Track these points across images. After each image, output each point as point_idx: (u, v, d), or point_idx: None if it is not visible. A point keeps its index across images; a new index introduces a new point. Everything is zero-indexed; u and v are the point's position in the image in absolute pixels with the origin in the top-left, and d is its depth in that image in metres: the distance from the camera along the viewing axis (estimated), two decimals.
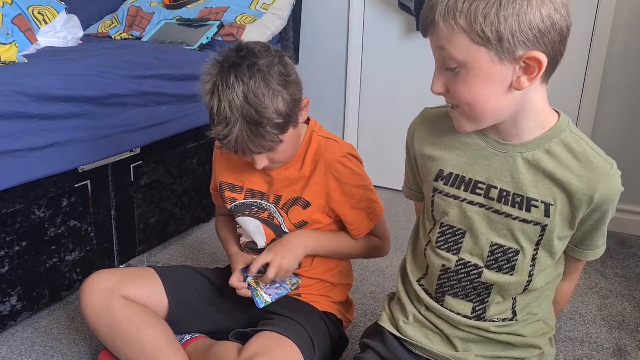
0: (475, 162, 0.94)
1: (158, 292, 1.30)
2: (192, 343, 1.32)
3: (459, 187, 0.96)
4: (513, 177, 0.91)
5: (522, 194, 0.91)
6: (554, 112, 0.91)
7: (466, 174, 0.96)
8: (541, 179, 0.89)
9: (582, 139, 0.89)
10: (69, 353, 1.41)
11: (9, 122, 1.32)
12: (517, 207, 0.91)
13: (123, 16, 2.36)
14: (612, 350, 1.47)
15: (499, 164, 0.92)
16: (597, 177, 0.87)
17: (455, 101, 0.88)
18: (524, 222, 0.92)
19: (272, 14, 2.29)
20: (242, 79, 1.05)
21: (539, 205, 0.90)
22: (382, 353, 1.05)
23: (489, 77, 0.82)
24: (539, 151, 0.89)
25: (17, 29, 1.69)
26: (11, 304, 1.42)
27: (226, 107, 1.06)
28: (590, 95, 2.14)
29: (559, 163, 0.88)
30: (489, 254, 0.96)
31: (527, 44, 0.79)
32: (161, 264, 1.85)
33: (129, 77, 1.63)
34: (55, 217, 1.49)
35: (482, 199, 0.94)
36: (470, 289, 0.99)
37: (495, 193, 0.93)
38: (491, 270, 0.96)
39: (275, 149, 1.13)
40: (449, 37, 0.82)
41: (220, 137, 1.10)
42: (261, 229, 1.29)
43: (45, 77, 1.41)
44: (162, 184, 1.84)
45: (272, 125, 1.08)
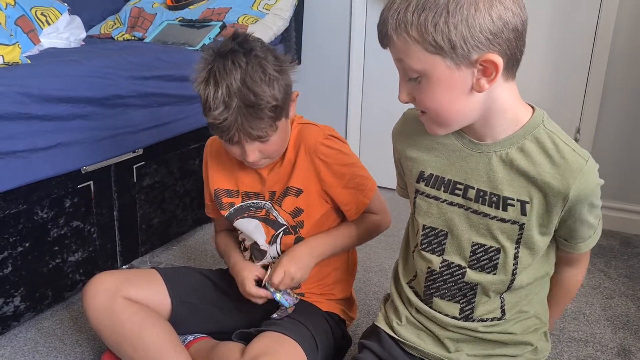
0: (453, 163, 0.95)
1: (161, 293, 1.30)
2: (195, 344, 1.32)
3: (439, 188, 0.97)
4: (489, 176, 0.91)
5: (498, 194, 0.91)
6: (529, 107, 0.91)
7: (445, 175, 0.96)
8: (516, 178, 0.89)
9: (555, 134, 0.88)
10: (72, 354, 1.41)
11: (12, 123, 1.32)
12: (494, 206, 0.92)
13: (125, 17, 2.37)
14: (617, 351, 1.47)
15: (475, 164, 0.92)
16: (571, 174, 0.86)
17: (423, 108, 0.89)
18: (502, 222, 0.92)
19: (275, 15, 2.29)
20: (239, 64, 1.07)
21: (515, 204, 0.90)
22: (379, 353, 1.06)
23: (449, 84, 0.82)
24: (512, 149, 0.89)
25: (20, 30, 1.70)
26: (14, 305, 1.42)
27: (224, 91, 1.07)
28: (593, 96, 2.13)
29: (531, 161, 0.88)
30: (470, 254, 0.96)
31: (480, 48, 0.79)
32: (163, 265, 1.85)
33: (131, 79, 1.63)
34: (58, 218, 1.49)
35: (460, 200, 0.95)
36: (456, 290, 0.99)
37: (473, 193, 0.93)
38: (474, 270, 0.96)
39: (269, 138, 1.13)
40: (405, 49, 0.82)
41: (218, 121, 1.09)
42: (260, 227, 1.29)
43: (48, 79, 1.42)
44: (164, 185, 1.84)
45: (269, 109, 1.09)
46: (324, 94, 2.64)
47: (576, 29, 2.12)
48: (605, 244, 2.08)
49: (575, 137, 2.19)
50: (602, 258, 1.95)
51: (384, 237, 1.73)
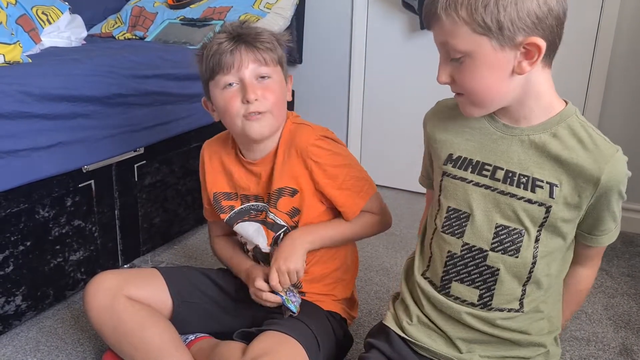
0: (483, 145, 0.97)
1: (162, 293, 1.30)
2: (196, 343, 1.32)
3: (467, 169, 0.98)
4: (520, 158, 0.93)
5: (528, 175, 0.92)
6: (562, 100, 0.94)
7: (474, 157, 0.98)
8: (547, 161, 0.91)
9: (588, 125, 0.91)
10: (74, 353, 1.41)
11: (14, 122, 1.32)
12: (522, 187, 0.93)
13: (126, 16, 2.37)
14: (619, 350, 1.46)
15: (506, 147, 0.94)
16: (603, 158, 0.88)
17: (462, 89, 0.91)
18: (529, 203, 0.93)
19: (276, 14, 2.29)
20: (239, 24, 1.20)
21: (544, 186, 0.91)
22: (387, 353, 1.05)
23: (492, 64, 0.85)
24: (545, 134, 0.91)
25: (22, 29, 1.70)
26: (16, 304, 1.42)
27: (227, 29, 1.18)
28: (595, 95, 2.13)
29: (564, 146, 0.90)
30: (494, 236, 0.96)
31: (526, 31, 0.82)
32: (165, 264, 1.84)
33: (132, 77, 1.63)
34: (60, 217, 1.49)
35: (487, 180, 0.96)
36: (477, 274, 0.98)
37: (501, 174, 0.95)
38: (496, 252, 0.96)
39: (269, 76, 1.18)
40: (452, 29, 0.85)
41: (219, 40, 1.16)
42: (262, 230, 1.29)
43: (49, 77, 1.42)
44: (166, 183, 1.84)
45: (267, 35, 1.18)
46: (325, 92, 2.64)
47: (578, 27, 2.11)
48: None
49: None
50: (604, 257, 1.93)
51: (385, 235, 1.73)
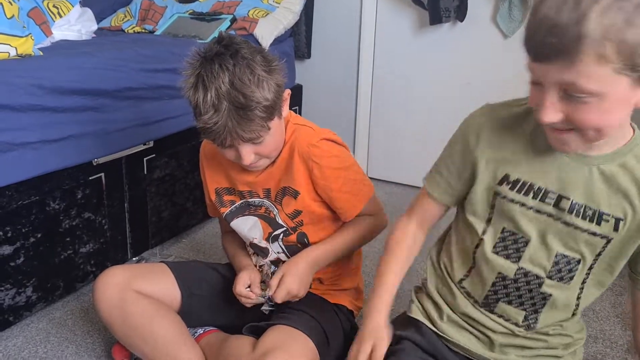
0: (547, 170, 0.90)
1: (171, 286, 1.30)
2: (205, 337, 1.33)
3: (527, 194, 0.92)
4: (587, 189, 0.88)
5: (595, 208, 0.88)
6: (631, 126, 0.89)
7: (536, 181, 0.91)
8: (614, 193, 0.87)
9: None
10: (84, 344, 1.43)
11: (25, 115, 1.33)
12: (587, 219, 0.89)
13: (136, 10, 2.37)
14: (627, 347, 1.46)
15: (574, 175, 0.89)
16: None
17: (578, 127, 0.80)
18: (592, 235, 0.90)
19: (285, 8, 2.29)
20: (226, 67, 1.06)
21: (610, 220, 0.88)
22: (421, 344, 1.02)
23: (625, 102, 0.77)
24: (614, 165, 0.87)
25: (33, 22, 1.70)
26: (27, 295, 1.44)
27: (213, 95, 1.05)
28: None
29: (632, 177, 0.86)
30: (552, 264, 0.94)
31: None
32: (173, 257, 1.85)
33: (142, 71, 1.64)
34: (70, 210, 1.50)
35: (551, 209, 0.91)
36: (528, 298, 0.96)
37: (567, 204, 0.89)
38: (553, 280, 0.94)
39: (263, 139, 1.11)
40: (588, 69, 0.72)
41: (208, 125, 1.07)
42: (258, 224, 1.29)
43: (60, 70, 1.42)
44: (174, 177, 1.85)
45: (260, 109, 1.07)
46: (333, 88, 2.63)
47: None
48: None
49: None
50: None
51: None
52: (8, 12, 1.51)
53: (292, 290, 1.18)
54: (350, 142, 2.65)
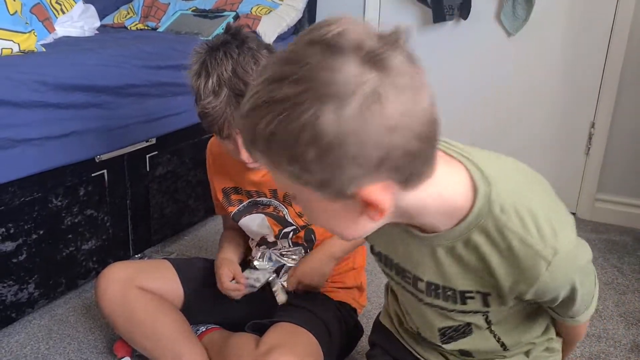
0: (397, 247, 0.79)
1: (173, 283, 1.30)
2: (207, 334, 1.32)
3: (391, 269, 0.84)
4: (438, 269, 0.75)
5: (453, 288, 0.75)
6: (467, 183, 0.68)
7: (392, 257, 0.82)
8: (468, 271, 0.73)
9: (506, 227, 0.67)
10: (85, 341, 1.42)
11: (28, 111, 1.33)
12: (450, 300, 0.77)
13: (139, 7, 2.37)
14: (630, 347, 1.46)
15: (420, 255, 0.75)
16: (527, 279, 0.68)
17: None
18: (463, 313, 0.79)
19: (288, 5, 2.28)
20: (231, 55, 1.06)
21: (475, 296, 0.75)
22: (390, 350, 1.03)
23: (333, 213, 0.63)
24: (458, 243, 0.70)
25: (36, 19, 1.70)
26: (29, 292, 1.43)
27: (214, 81, 1.06)
28: (608, 90, 2.11)
29: (481, 258, 0.70)
30: (440, 336, 0.86)
31: (355, 182, 0.57)
32: (175, 254, 1.85)
33: (145, 68, 1.64)
34: (72, 206, 1.49)
35: (412, 289, 0.81)
36: (444, 351, 0.92)
37: (423, 286, 0.78)
38: (449, 344, 0.88)
39: None
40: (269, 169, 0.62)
41: (207, 110, 1.08)
42: (266, 222, 1.29)
43: (63, 67, 1.42)
44: (177, 174, 1.85)
45: None
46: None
47: (593, 22, 2.09)
48: (619, 240, 2.06)
49: (590, 132, 2.17)
50: (616, 254, 1.94)
51: None
52: (11, 8, 1.51)
53: (303, 279, 1.19)
54: None
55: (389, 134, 0.55)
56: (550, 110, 2.24)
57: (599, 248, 1.98)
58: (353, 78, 0.53)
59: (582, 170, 2.23)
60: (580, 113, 2.18)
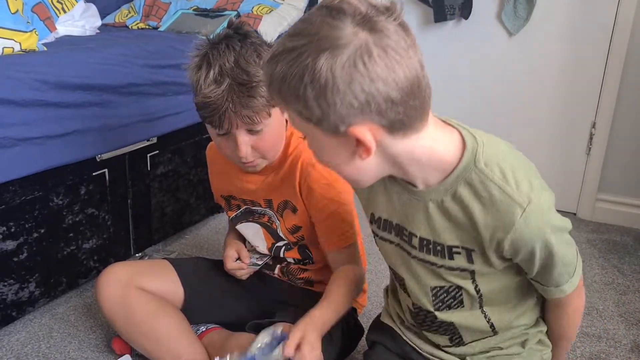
0: (396, 208, 0.88)
1: (173, 283, 1.31)
2: (207, 334, 1.33)
3: (390, 232, 0.91)
4: (429, 224, 0.84)
5: (442, 242, 0.83)
6: (458, 145, 0.79)
7: (392, 219, 0.90)
8: (455, 225, 0.81)
9: (488, 178, 0.76)
10: (86, 340, 1.43)
11: (29, 110, 1.33)
12: (439, 255, 0.85)
13: (140, 6, 2.37)
14: (630, 347, 1.46)
15: (415, 211, 0.84)
16: (504, 225, 0.76)
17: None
18: (450, 270, 0.86)
19: (289, 5, 2.28)
20: (233, 47, 1.05)
21: (461, 252, 0.83)
22: (393, 348, 1.05)
23: (331, 148, 0.76)
24: (447, 197, 0.80)
25: (37, 18, 1.70)
26: (29, 290, 1.44)
27: (216, 71, 1.04)
28: (609, 90, 2.11)
29: (465, 210, 0.79)
30: (433, 297, 0.91)
31: (346, 121, 0.70)
32: (176, 253, 1.85)
33: (146, 67, 1.64)
34: (74, 205, 1.50)
35: (408, 247, 0.89)
36: (436, 327, 0.95)
37: (417, 242, 0.86)
38: (442, 311, 0.92)
39: (261, 129, 1.08)
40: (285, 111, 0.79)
41: (208, 99, 1.04)
42: (260, 233, 1.29)
43: (64, 66, 1.42)
44: (178, 173, 1.85)
45: (261, 88, 1.04)
46: None
47: (594, 21, 2.09)
48: (619, 240, 2.06)
49: (591, 132, 2.17)
50: (616, 254, 1.94)
51: None
52: (12, 7, 1.51)
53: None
54: None
55: (372, 82, 0.67)
56: (551, 110, 2.24)
57: (599, 248, 1.97)
58: (348, 35, 0.67)
59: (583, 170, 2.23)
60: (581, 113, 2.18)
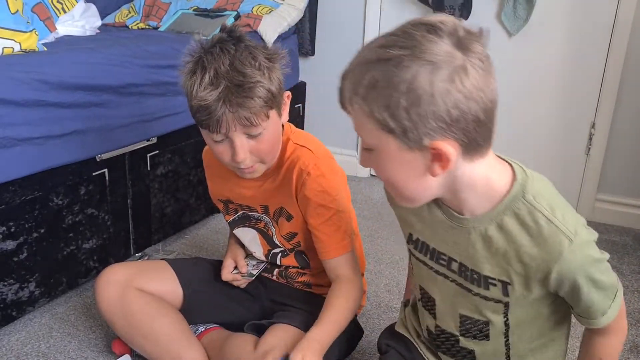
0: (436, 232, 0.89)
1: (172, 283, 1.31)
2: (207, 334, 1.33)
3: (426, 254, 0.92)
4: (469, 252, 0.85)
5: (479, 272, 0.85)
6: (508, 177, 0.82)
7: (430, 242, 0.91)
8: (495, 257, 0.82)
9: (537, 209, 0.78)
10: (86, 340, 1.43)
11: (29, 110, 1.33)
12: (475, 284, 0.86)
13: (140, 6, 2.37)
14: (629, 347, 1.46)
15: (456, 237, 0.86)
16: (551, 256, 0.77)
17: (380, 178, 0.83)
18: (485, 299, 0.87)
19: (289, 5, 2.28)
20: (227, 50, 1.04)
21: (497, 284, 0.84)
22: (406, 356, 1.05)
23: (401, 163, 0.77)
24: (492, 226, 0.81)
25: (37, 18, 1.70)
26: (29, 290, 1.44)
27: (211, 75, 1.02)
28: (609, 90, 2.11)
29: (511, 240, 0.80)
30: (460, 324, 0.92)
31: (432, 135, 0.72)
32: (176, 254, 1.86)
33: (147, 67, 1.64)
34: (73, 205, 1.50)
35: (445, 270, 0.90)
36: (455, 351, 0.96)
37: (456, 267, 0.88)
38: (466, 338, 0.93)
39: (259, 132, 1.06)
40: (359, 122, 0.78)
41: (204, 102, 1.02)
42: (257, 239, 1.30)
43: (65, 66, 1.42)
44: (177, 173, 1.85)
45: (260, 89, 1.02)
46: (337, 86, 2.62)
47: (594, 21, 2.09)
48: (619, 240, 2.06)
49: (590, 132, 2.18)
50: (615, 254, 1.94)
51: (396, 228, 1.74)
52: (12, 7, 1.51)
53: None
54: (353, 140, 2.64)
55: (466, 100, 0.71)
56: (550, 110, 2.24)
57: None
58: (447, 52, 0.70)
59: (583, 170, 2.24)
60: (581, 113, 2.19)
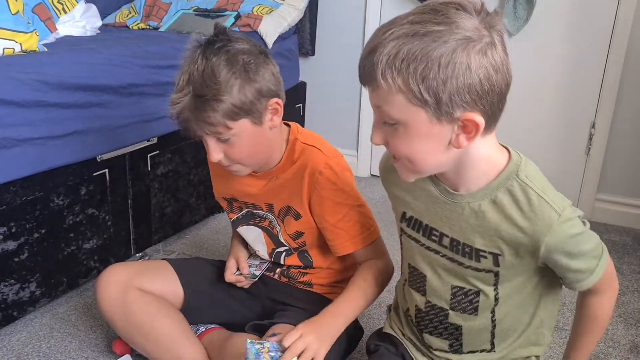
0: (429, 208, 0.94)
1: (173, 283, 1.31)
2: (207, 334, 1.33)
3: (418, 231, 0.96)
4: (461, 227, 0.90)
5: (471, 245, 0.90)
6: (504, 156, 0.88)
7: (423, 219, 0.95)
8: (487, 230, 0.88)
9: (529, 186, 0.84)
10: (87, 340, 1.43)
11: (30, 110, 1.33)
12: (467, 257, 0.91)
13: (140, 6, 2.37)
14: (629, 347, 1.46)
15: (449, 213, 0.91)
16: (541, 229, 0.83)
17: (396, 154, 0.86)
18: (476, 270, 0.91)
19: (289, 5, 2.29)
20: (207, 56, 1.06)
21: (488, 256, 0.89)
22: (396, 354, 1.09)
23: (428, 136, 0.80)
24: (485, 201, 0.87)
25: (38, 18, 1.71)
26: (30, 290, 1.44)
27: (185, 78, 1.07)
28: (609, 90, 2.11)
29: (503, 214, 0.85)
30: (451, 297, 0.96)
31: (465, 106, 0.77)
32: (176, 253, 1.86)
33: (147, 67, 1.64)
34: (74, 205, 1.50)
35: (437, 246, 0.94)
36: (442, 329, 1.00)
37: (447, 241, 0.92)
38: (456, 312, 0.96)
39: (228, 138, 1.08)
40: (386, 96, 0.79)
41: (173, 104, 1.09)
42: (262, 237, 1.30)
43: (65, 66, 1.42)
44: (178, 173, 1.85)
45: (216, 102, 1.04)
46: (337, 85, 2.63)
47: (594, 22, 2.10)
48: (618, 240, 2.06)
49: (590, 132, 2.18)
50: (615, 254, 1.94)
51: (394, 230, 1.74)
52: (13, 8, 1.51)
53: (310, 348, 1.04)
54: (353, 140, 2.65)
55: (495, 73, 0.76)
56: (550, 110, 2.24)
57: None
58: (479, 28, 0.76)
59: (583, 170, 2.24)
60: (581, 113, 2.19)
